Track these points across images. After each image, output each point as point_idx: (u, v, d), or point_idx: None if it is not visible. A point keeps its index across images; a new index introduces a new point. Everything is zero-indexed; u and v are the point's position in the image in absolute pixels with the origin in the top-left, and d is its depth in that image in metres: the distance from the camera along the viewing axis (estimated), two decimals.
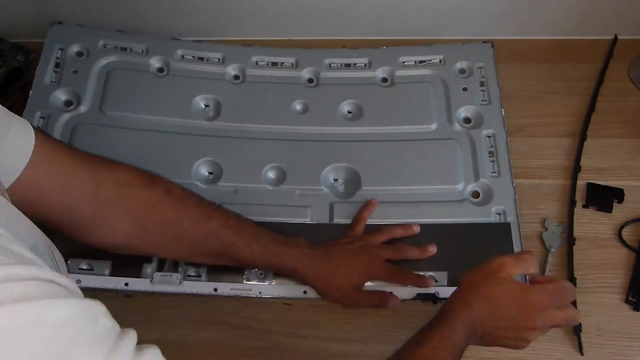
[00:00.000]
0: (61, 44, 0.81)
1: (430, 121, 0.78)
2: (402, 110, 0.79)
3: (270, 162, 0.75)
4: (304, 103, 0.79)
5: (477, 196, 0.73)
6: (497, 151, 0.75)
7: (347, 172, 0.75)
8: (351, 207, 0.72)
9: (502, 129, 0.76)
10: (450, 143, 0.76)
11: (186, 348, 0.66)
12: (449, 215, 0.71)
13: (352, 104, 0.80)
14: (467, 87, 0.80)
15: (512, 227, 0.69)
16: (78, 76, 0.78)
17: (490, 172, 0.73)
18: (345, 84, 0.81)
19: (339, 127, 0.78)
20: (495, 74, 0.81)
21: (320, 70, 0.82)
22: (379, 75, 0.82)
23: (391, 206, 0.72)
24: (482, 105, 0.78)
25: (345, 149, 0.76)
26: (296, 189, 0.73)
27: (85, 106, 0.76)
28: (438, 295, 0.66)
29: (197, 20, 0.91)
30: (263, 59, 0.83)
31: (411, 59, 0.83)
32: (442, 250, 0.68)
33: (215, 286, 0.67)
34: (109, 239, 0.60)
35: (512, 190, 0.72)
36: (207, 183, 0.74)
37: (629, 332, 0.64)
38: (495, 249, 0.68)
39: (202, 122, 0.78)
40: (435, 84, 0.81)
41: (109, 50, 0.81)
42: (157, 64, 0.82)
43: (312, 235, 0.69)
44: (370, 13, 0.87)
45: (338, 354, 0.65)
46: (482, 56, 0.82)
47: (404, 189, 0.73)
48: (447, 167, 0.74)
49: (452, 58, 0.82)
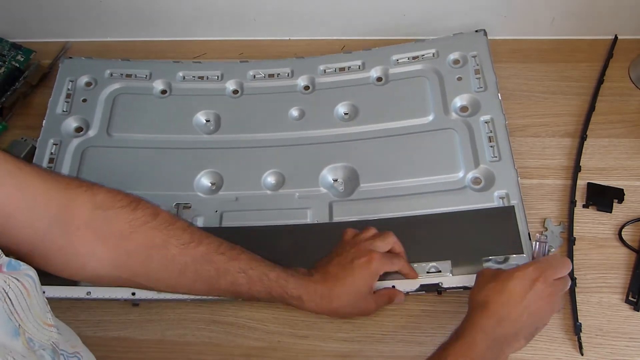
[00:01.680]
0: (72, 77, 0.86)
1: (426, 113, 0.78)
2: (398, 105, 0.79)
3: (269, 168, 0.76)
4: (300, 109, 0.81)
5: (478, 182, 0.72)
6: (496, 136, 0.75)
7: (345, 171, 0.75)
8: (350, 205, 0.72)
9: (500, 113, 0.76)
10: (447, 132, 0.76)
11: (186, 348, 0.67)
12: (451, 204, 0.70)
13: (348, 105, 0.81)
14: (462, 77, 0.80)
15: (516, 209, 0.69)
16: (87, 104, 0.84)
17: (490, 157, 0.74)
18: (340, 87, 0.82)
19: (335, 128, 0.79)
20: (490, 60, 0.81)
21: (315, 76, 0.84)
22: (373, 75, 0.83)
23: (391, 200, 0.72)
24: (479, 92, 0.79)
25: (342, 149, 0.77)
26: (295, 192, 0.74)
27: (94, 131, 0.81)
28: (442, 285, 0.66)
29: (198, 22, 0.91)
30: (259, 72, 0.85)
31: (404, 56, 0.84)
32: (445, 240, 0.68)
33: None
34: (87, 268, 0.55)
35: (515, 172, 0.72)
36: (209, 193, 0.76)
37: (629, 332, 0.64)
38: (500, 233, 0.68)
39: (202, 136, 0.80)
40: (430, 77, 0.81)
41: (115, 78, 0.86)
42: (160, 86, 0.85)
43: (313, 234, 0.70)
44: (370, 14, 0.87)
45: (338, 354, 0.65)
46: (475, 45, 0.83)
47: (403, 182, 0.73)
48: (446, 157, 0.74)
49: (445, 50, 0.83)
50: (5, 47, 0.91)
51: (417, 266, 0.67)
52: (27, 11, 0.91)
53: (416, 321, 0.67)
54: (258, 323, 0.68)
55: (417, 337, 0.65)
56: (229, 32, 0.93)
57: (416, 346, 0.65)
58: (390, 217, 0.70)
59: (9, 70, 0.89)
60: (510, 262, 0.66)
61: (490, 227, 0.68)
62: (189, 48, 0.93)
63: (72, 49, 0.94)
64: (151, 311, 0.69)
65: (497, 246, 0.67)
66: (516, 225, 0.68)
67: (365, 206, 0.72)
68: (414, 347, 0.65)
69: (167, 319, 0.68)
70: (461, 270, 0.66)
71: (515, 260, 0.66)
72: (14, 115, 0.88)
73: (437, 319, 0.66)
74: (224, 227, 0.72)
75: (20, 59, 0.90)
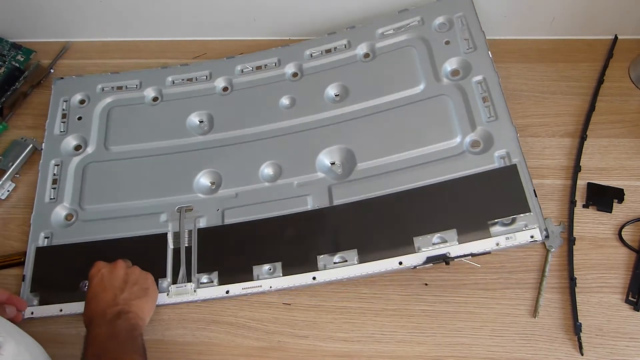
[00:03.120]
0: (65, 97, 0.87)
1: (417, 83, 0.77)
2: (387, 79, 0.79)
3: (266, 160, 0.76)
4: (290, 97, 0.81)
5: (477, 145, 0.72)
6: (490, 95, 0.74)
7: (341, 153, 0.75)
8: (349, 186, 0.72)
9: (492, 71, 0.76)
10: (440, 99, 0.75)
11: (186, 348, 0.67)
12: (451, 172, 0.70)
13: (338, 86, 0.80)
14: (450, 40, 0.79)
15: (519, 167, 0.68)
16: (82, 122, 0.85)
17: (486, 117, 0.73)
18: (328, 69, 0.82)
19: (327, 111, 0.79)
20: (477, 18, 0.80)
21: (302, 62, 0.83)
22: (360, 52, 0.83)
23: (390, 176, 0.71)
24: (468, 54, 0.78)
25: (335, 131, 0.77)
26: (294, 180, 0.74)
27: (92, 147, 0.83)
28: (449, 255, 0.65)
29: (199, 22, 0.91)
30: (247, 66, 0.85)
31: (389, 28, 0.83)
32: (449, 209, 0.67)
33: (227, 289, 0.69)
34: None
35: (513, 129, 0.71)
36: (209, 193, 0.76)
37: (629, 332, 0.64)
38: (504, 194, 0.67)
39: (197, 138, 0.81)
40: (417, 46, 0.80)
41: (107, 92, 0.87)
42: (152, 94, 0.86)
43: (314, 220, 0.71)
44: (370, 13, 0.87)
45: (338, 354, 0.65)
46: (459, 6, 0.81)
47: (400, 156, 0.73)
48: (441, 124, 0.73)
49: (430, 16, 0.82)
50: (5, 47, 0.91)
51: (422, 239, 0.66)
52: (27, 11, 0.91)
53: (416, 321, 0.67)
54: (258, 323, 0.68)
55: (417, 337, 0.65)
56: (229, 32, 0.93)
57: (416, 346, 0.65)
58: (390, 192, 0.70)
59: (9, 70, 0.89)
60: (518, 223, 0.65)
61: (494, 189, 0.67)
62: (189, 48, 0.93)
63: (72, 49, 0.94)
64: None
65: (503, 208, 0.66)
66: (520, 184, 0.67)
67: (365, 185, 0.72)
68: (414, 347, 0.65)
69: (167, 319, 0.69)
70: (468, 238, 0.65)
71: (523, 220, 0.65)
72: (14, 115, 0.88)
73: (437, 319, 0.66)
74: (227, 225, 0.72)
75: (20, 59, 0.91)
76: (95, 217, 0.76)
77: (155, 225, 0.74)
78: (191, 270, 0.71)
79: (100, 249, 0.73)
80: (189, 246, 0.72)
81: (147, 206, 0.76)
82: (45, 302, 0.71)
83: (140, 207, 0.76)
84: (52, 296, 0.72)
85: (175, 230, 0.73)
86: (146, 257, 0.71)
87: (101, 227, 0.75)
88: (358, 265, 0.67)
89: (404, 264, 0.66)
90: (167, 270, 0.71)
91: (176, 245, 0.72)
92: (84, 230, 0.75)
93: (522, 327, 0.65)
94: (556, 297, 0.66)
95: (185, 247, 0.72)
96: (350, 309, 0.68)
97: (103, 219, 0.76)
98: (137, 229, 0.74)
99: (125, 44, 0.94)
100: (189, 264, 0.71)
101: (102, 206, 0.77)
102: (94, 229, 0.75)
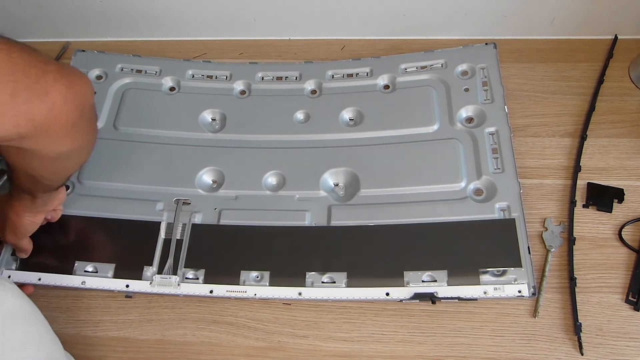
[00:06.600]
0: (84, 69, 0.87)
1: (431, 122, 0.78)
2: (403, 113, 0.79)
3: (271, 169, 0.76)
4: (306, 112, 0.81)
5: (480, 193, 0.72)
6: (500, 147, 0.75)
7: (347, 176, 0.75)
8: (349, 210, 0.72)
9: (505, 125, 0.76)
10: (451, 142, 0.76)
11: (186, 348, 0.67)
12: (451, 214, 0.70)
13: (353, 111, 0.81)
14: (469, 88, 0.80)
15: (517, 222, 0.69)
16: (96, 97, 0.83)
17: (493, 168, 0.73)
18: (347, 93, 0.83)
19: (339, 133, 0.79)
20: (499, 72, 0.81)
21: (323, 81, 0.84)
22: (380, 82, 0.83)
23: (390, 207, 0.72)
24: (485, 104, 0.78)
25: (344, 153, 0.77)
26: (295, 193, 0.74)
27: (101, 123, 0.82)
28: (437, 294, 0.65)
29: (199, 22, 0.91)
30: (268, 74, 0.86)
31: (413, 65, 0.84)
32: (443, 249, 0.68)
33: (211, 288, 0.68)
34: None
35: (517, 185, 0.71)
36: (209, 191, 0.76)
37: (629, 332, 0.64)
38: (499, 245, 0.67)
39: (207, 134, 0.81)
40: (437, 87, 0.81)
41: (126, 73, 0.87)
42: (170, 83, 0.86)
43: (309, 237, 0.70)
44: (370, 13, 0.87)
45: (338, 354, 0.65)
46: (484, 57, 0.83)
47: (403, 190, 0.73)
48: (449, 166, 0.74)
49: (454, 61, 0.83)
50: None
51: (412, 274, 0.67)
52: (27, 11, 0.91)
53: (416, 321, 0.67)
54: (258, 323, 0.68)
55: (417, 337, 0.65)
56: (229, 32, 0.93)
57: (416, 346, 0.65)
58: (388, 223, 0.70)
59: None
60: (508, 275, 0.66)
61: (490, 239, 0.68)
62: (189, 48, 0.93)
63: (72, 49, 0.94)
64: (151, 311, 0.69)
65: (495, 258, 0.67)
66: (516, 239, 0.68)
67: (364, 212, 0.72)
68: (414, 347, 0.65)
69: (167, 319, 0.68)
70: (457, 281, 0.66)
71: (513, 273, 0.66)
72: None
73: (437, 319, 0.66)
74: (222, 225, 0.72)
75: None
76: (92, 193, 0.76)
77: (150, 213, 0.74)
78: (178, 264, 0.70)
79: (90, 225, 0.73)
80: (180, 239, 0.72)
81: (145, 192, 0.75)
82: (23, 268, 0.71)
83: (138, 192, 0.76)
84: (32, 264, 0.71)
85: (169, 221, 0.73)
86: (136, 242, 0.71)
87: (96, 204, 0.75)
88: (345, 288, 0.67)
89: (391, 296, 0.66)
90: (155, 259, 0.70)
91: (168, 236, 0.72)
92: (78, 203, 0.75)
93: (522, 327, 0.65)
94: (556, 297, 0.66)
95: (177, 239, 0.72)
96: (350, 309, 0.68)
97: (99, 197, 0.75)
98: (132, 212, 0.74)
99: (125, 44, 0.94)
100: (178, 256, 0.71)
101: (100, 183, 0.76)
102: (88, 205, 0.75)
